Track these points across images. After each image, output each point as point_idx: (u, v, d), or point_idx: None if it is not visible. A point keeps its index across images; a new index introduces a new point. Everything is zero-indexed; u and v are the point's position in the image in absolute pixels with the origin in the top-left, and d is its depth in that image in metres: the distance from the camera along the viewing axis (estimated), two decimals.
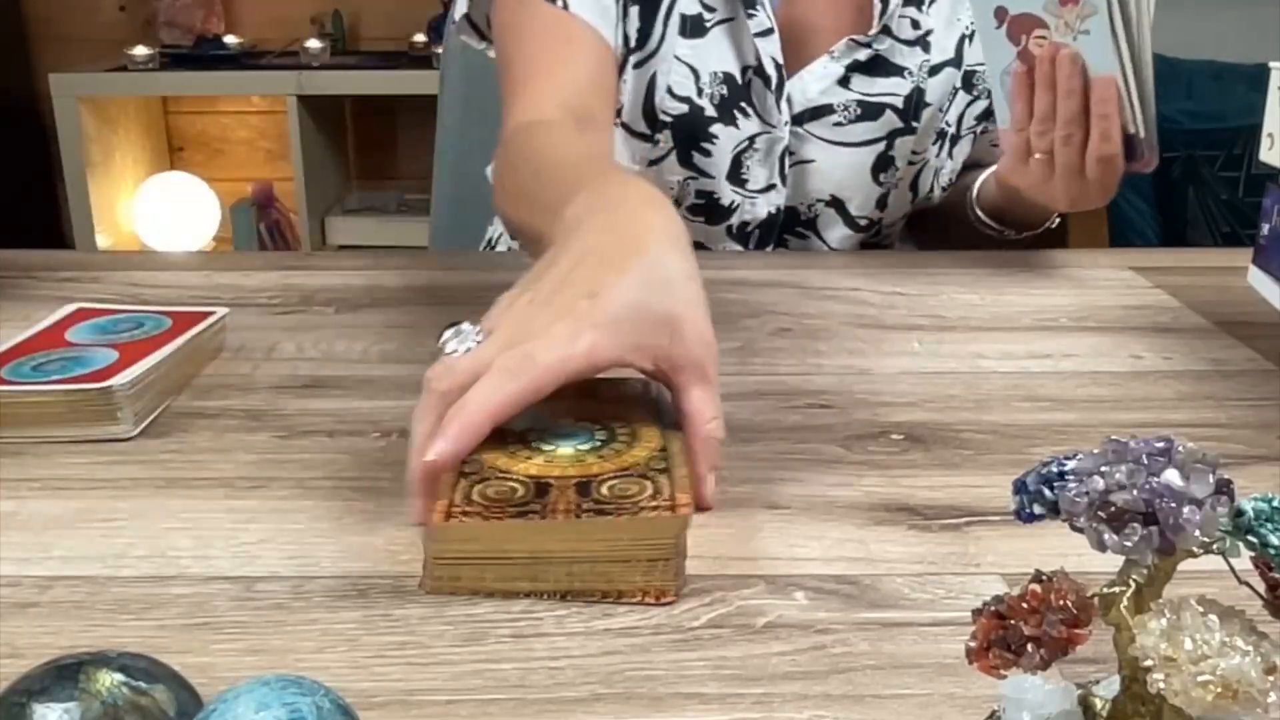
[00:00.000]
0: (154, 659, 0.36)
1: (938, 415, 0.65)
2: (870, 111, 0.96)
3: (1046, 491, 0.30)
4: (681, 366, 0.51)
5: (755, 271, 0.91)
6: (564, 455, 0.50)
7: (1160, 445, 0.28)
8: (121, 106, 2.58)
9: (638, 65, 0.93)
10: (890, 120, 0.97)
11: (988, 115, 1.02)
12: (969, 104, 1.02)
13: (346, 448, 0.61)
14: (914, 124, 0.97)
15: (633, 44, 0.93)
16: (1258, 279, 0.73)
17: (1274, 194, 0.72)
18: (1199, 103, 2.29)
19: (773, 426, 0.63)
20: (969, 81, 1.01)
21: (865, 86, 0.96)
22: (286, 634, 0.45)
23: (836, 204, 0.99)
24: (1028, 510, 0.30)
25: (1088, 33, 0.76)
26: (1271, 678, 0.26)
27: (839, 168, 0.97)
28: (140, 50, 2.47)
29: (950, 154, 1.03)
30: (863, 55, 0.95)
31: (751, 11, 0.92)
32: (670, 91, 0.93)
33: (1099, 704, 0.31)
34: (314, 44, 2.55)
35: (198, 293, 0.86)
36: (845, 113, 0.96)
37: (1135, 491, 0.27)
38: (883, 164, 0.98)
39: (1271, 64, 0.68)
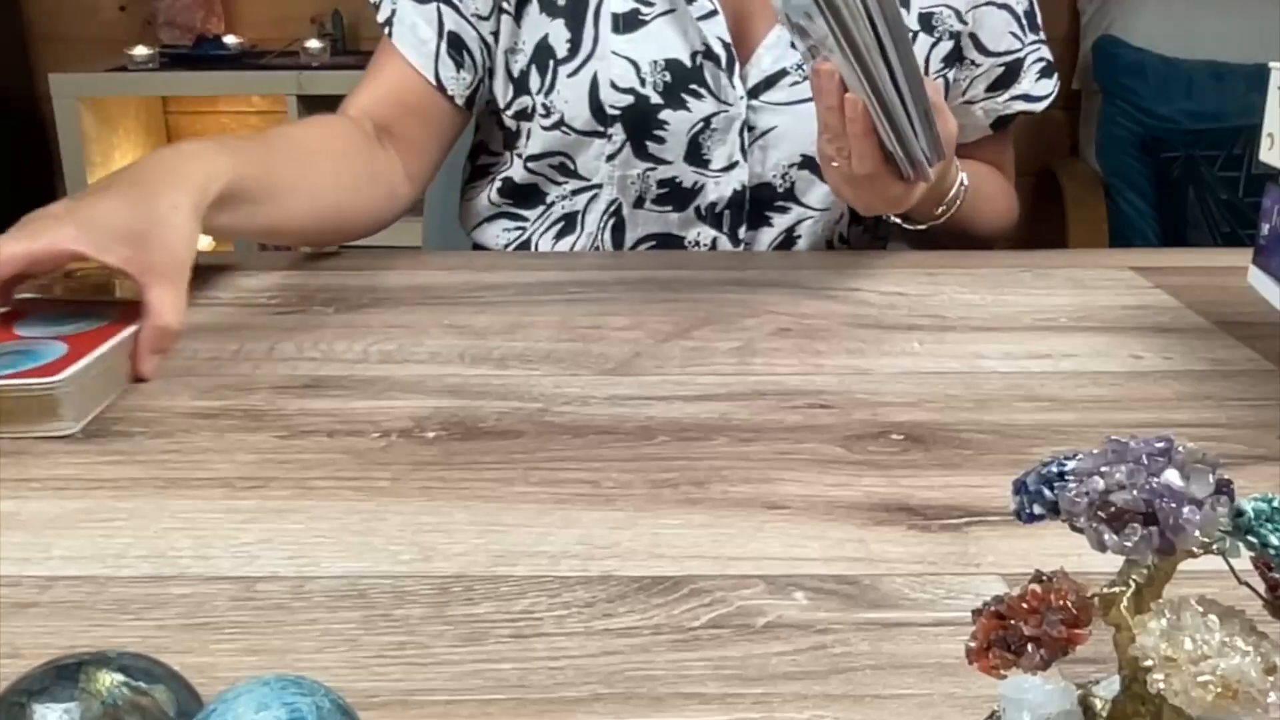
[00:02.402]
0: (154, 659, 0.36)
1: (938, 415, 0.65)
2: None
3: (1046, 491, 0.30)
4: (147, 271, 0.68)
5: (755, 271, 0.91)
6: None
7: (1160, 445, 0.28)
8: (121, 106, 2.58)
9: (572, 73, 0.95)
10: None
11: (954, 59, 1.01)
12: (932, 46, 1.00)
13: (346, 448, 0.61)
14: None
15: (561, 55, 0.95)
16: (1258, 279, 0.73)
17: (1274, 194, 0.71)
18: (1199, 103, 2.30)
19: (773, 426, 0.63)
20: (928, 23, 0.99)
21: None
22: (286, 634, 0.45)
23: (809, 164, 0.98)
24: (1028, 510, 0.30)
25: (833, 51, 0.73)
26: (1271, 678, 0.26)
27: (802, 125, 0.96)
28: (140, 50, 2.47)
29: None
30: None
31: None
32: (614, 85, 0.95)
33: (1099, 704, 0.31)
34: (314, 44, 2.54)
35: (197, 292, 0.86)
36: (800, 71, 0.96)
37: (1135, 491, 0.27)
38: None
39: (1271, 64, 0.68)
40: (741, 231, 1.00)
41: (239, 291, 0.86)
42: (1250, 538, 0.28)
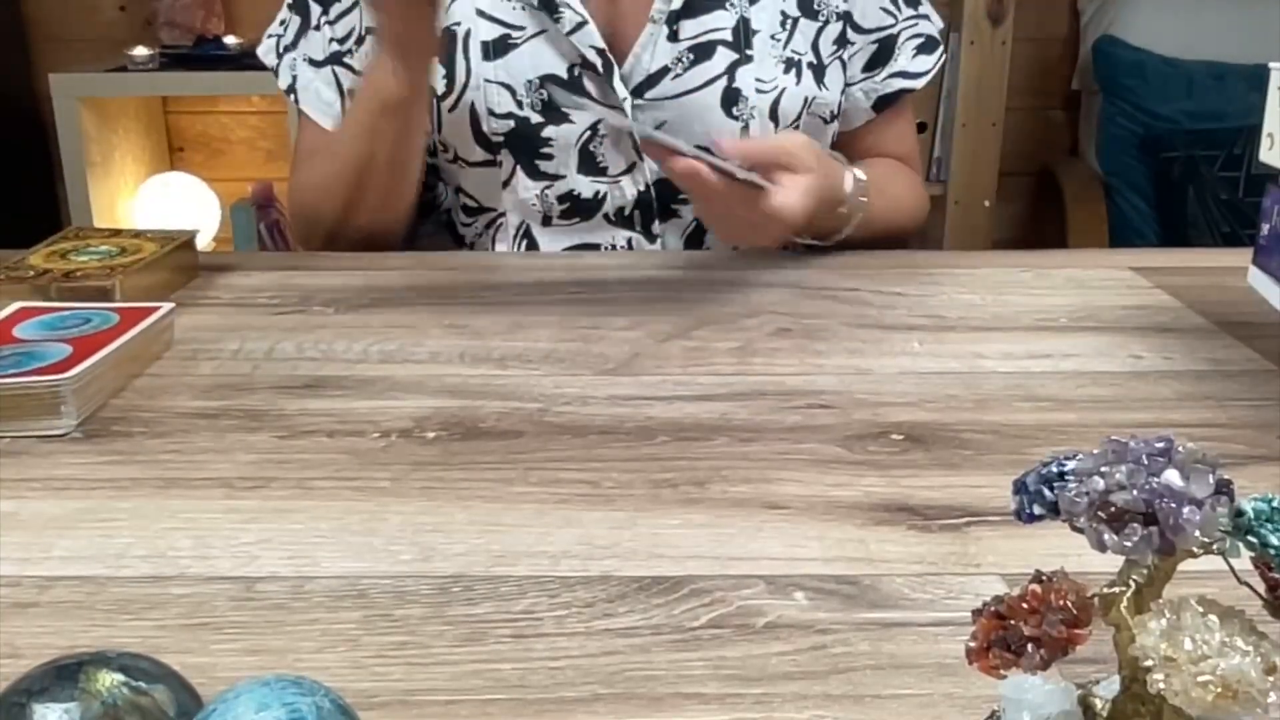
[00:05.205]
0: (154, 659, 0.36)
1: (938, 415, 0.65)
2: (702, 52, 0.97)
3: (1046, 491, 0.30)
4: None
5: (755, 271, 0.91)
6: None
7: (1160, 445, 0.28)
8: (121, 106, 2.58)
9: (452, 108, 0.97)
10: (724, 55, 0.96)
11: (843, 41, 1.01)
12: (819, 30, 1.00)
13: (346, 448, 0.61)
14: (748, 52, 0.97)
15: (440, 91, 0.96)
16: (1258, 279, 0.73)
17: (1274, 194, 0.71)
18: (1199, 103, 2.29)
19: (773, 426, 0.63)
20: (809, 8, 0.99)
21: (693, 30, 0.96)
22: (286, 634, 0.45)
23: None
24: (1028, 510, 0.30)
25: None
26: (1271, 678, 0.26)
27: (690, 117, 0.97)
28: (140, 50, 2.47)
29: (823, 84, 1.01)
30: (677, 2, 0.96)
31: (557, 15, 0.94)
32: (491, 112, 0.96)
33: (1099, 704, 0.31)
34: None
35: (197, 293, 0.86)
36: (680, 64, 0.96)
37: (1135, 491, 0.27)
38: (731, 97, 0.97)
39: (1271, 64, 0.68)
40: (655, 227, 1.00)
41: (239, 291, 0.86)
42: (1250, 538, 0.28)
